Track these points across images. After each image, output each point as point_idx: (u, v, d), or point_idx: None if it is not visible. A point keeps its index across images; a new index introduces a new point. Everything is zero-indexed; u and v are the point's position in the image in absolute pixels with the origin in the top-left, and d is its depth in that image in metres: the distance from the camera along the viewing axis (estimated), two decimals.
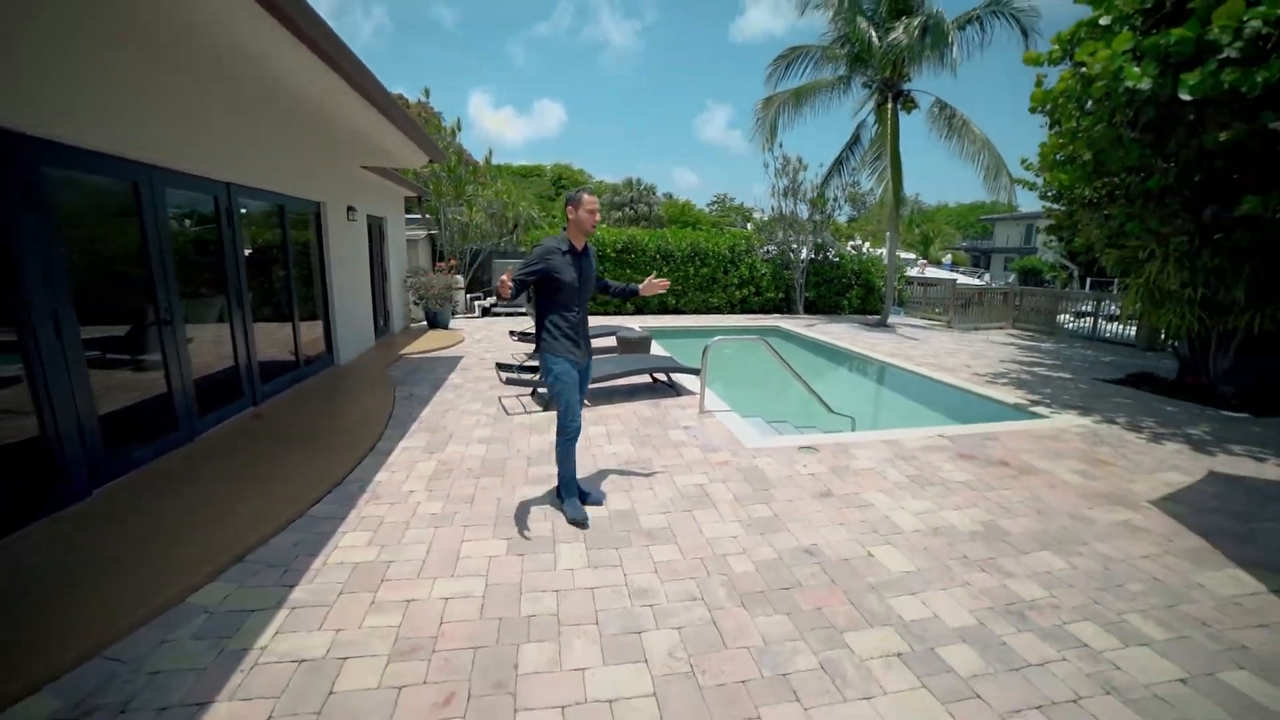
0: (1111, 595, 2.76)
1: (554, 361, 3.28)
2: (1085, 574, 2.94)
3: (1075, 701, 2.10)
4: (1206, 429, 5.50)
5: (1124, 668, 2.27)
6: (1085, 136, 6.64)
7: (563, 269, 3.20)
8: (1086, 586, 2.82)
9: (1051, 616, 2.58)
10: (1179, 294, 6.81)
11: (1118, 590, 2.80)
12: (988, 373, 7.89)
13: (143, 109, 3.99)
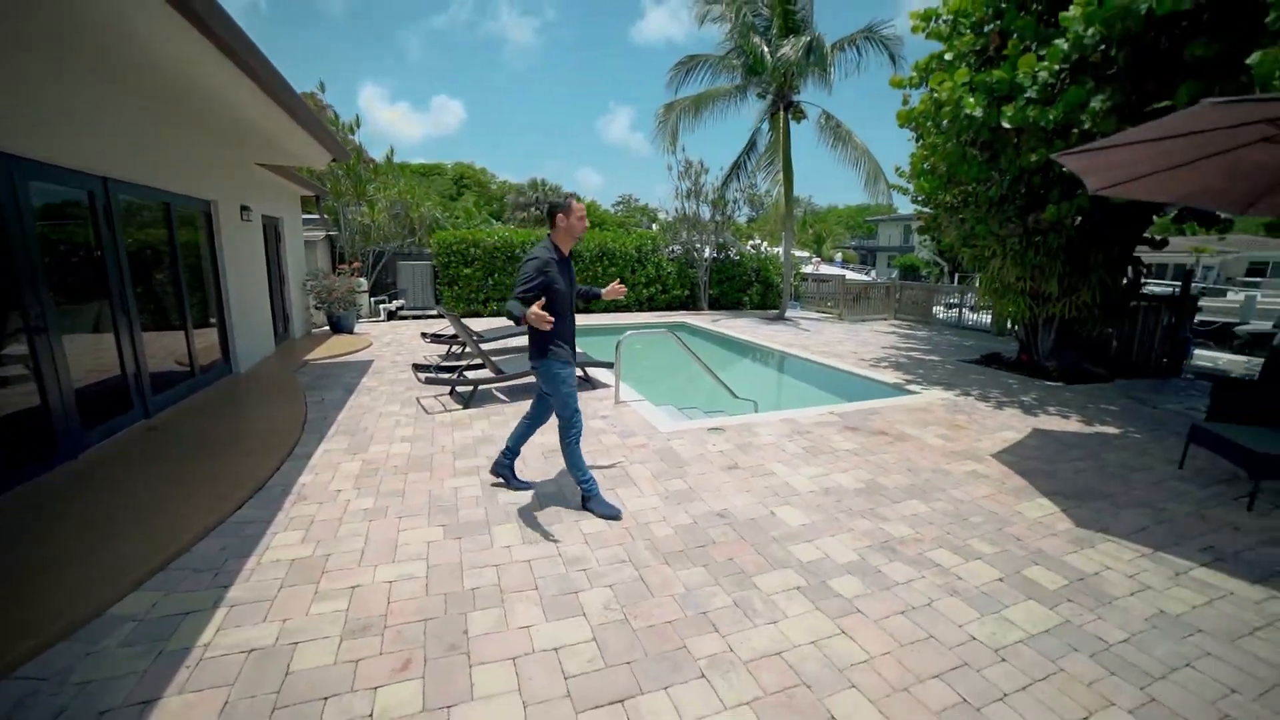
0: (959, 527, 3.40)
1: (562, 368, 3.35)
2: (942, 513, 3.58)
3: (929, 605, 2.65)
4: (1034, 396, 6.62)
5: (963, 576, 2.87)
6: (940, 151, 7.68)
7: (558, 278, 3.24)
8: (942, 523, 3.45)
9: (915, 548, 3.16)
10: (1015, 286, 8.07)
11: (964, 523, 3.45)
12: (871, 358, 8.88)
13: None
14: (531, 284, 3.12)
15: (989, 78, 6.30)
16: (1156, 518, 3.63)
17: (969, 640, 2.44)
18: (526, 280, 3.13)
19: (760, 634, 2.44)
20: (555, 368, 3.35)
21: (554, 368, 3.35)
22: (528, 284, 3.12)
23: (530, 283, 3.12)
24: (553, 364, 3.34)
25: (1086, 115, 5.57)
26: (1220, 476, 4.29)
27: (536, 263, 3.16)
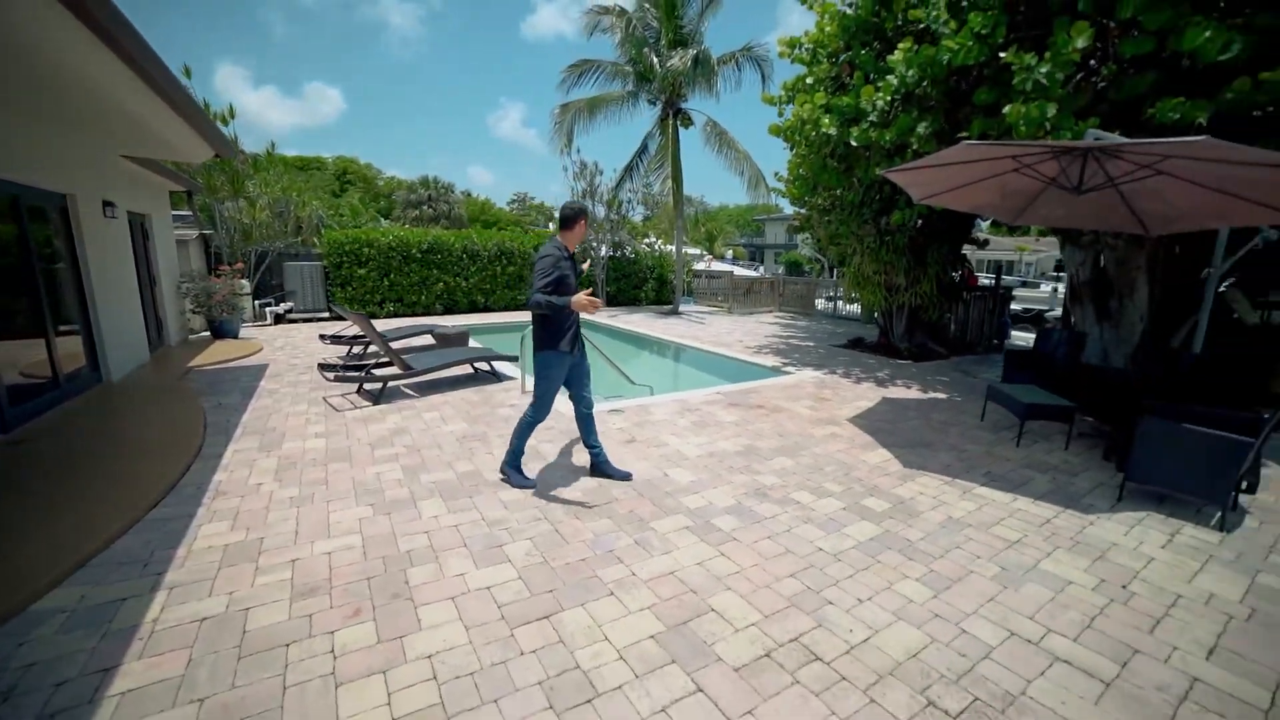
0: (817, 475, 4.22)
1: (554, 360, 3.63)
2: (804, 466, 4.39)
3: (789, 531, 3.38)
4: (887, 373, 7.86)
5: (816, 509, 3.65)
6: (806, 161, 8.77)
7: (569, 273, 3.57)
8: (804, 473, 4.25)
9: (781, 492, 3.91)
10: (873, 279, 9.40)
11: (821, 472, 4.28)
12: (755, 346, 9.92)
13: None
14: (550, 277, 3.45)
15: (840, 102, 7.37)
16: (959, 456, 4.69)
17: (816, 550, 3.18)
18: (545, 274, 3.45)
19: (657, 562, 3.02)
20: (552, 359, 3.64)
21: (550, 359, 3.64)
22: (547, 277, 3.45)
23: (548, 276, 3.45)
24: (550, 355, 3.63)
25: (914, 138, 6.74)
26: (1005, 424, 5.54)
27: (552, 259, 3.50)
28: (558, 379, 3.71)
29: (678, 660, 2.31)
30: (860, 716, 2.06)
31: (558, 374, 3.69)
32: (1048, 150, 4.49)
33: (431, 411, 5.59)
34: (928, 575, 2.96)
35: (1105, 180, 4.76)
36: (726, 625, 2.53)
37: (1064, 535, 3.46)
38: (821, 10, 8.26)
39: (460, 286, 13.61)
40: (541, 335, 3.64)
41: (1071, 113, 5.44)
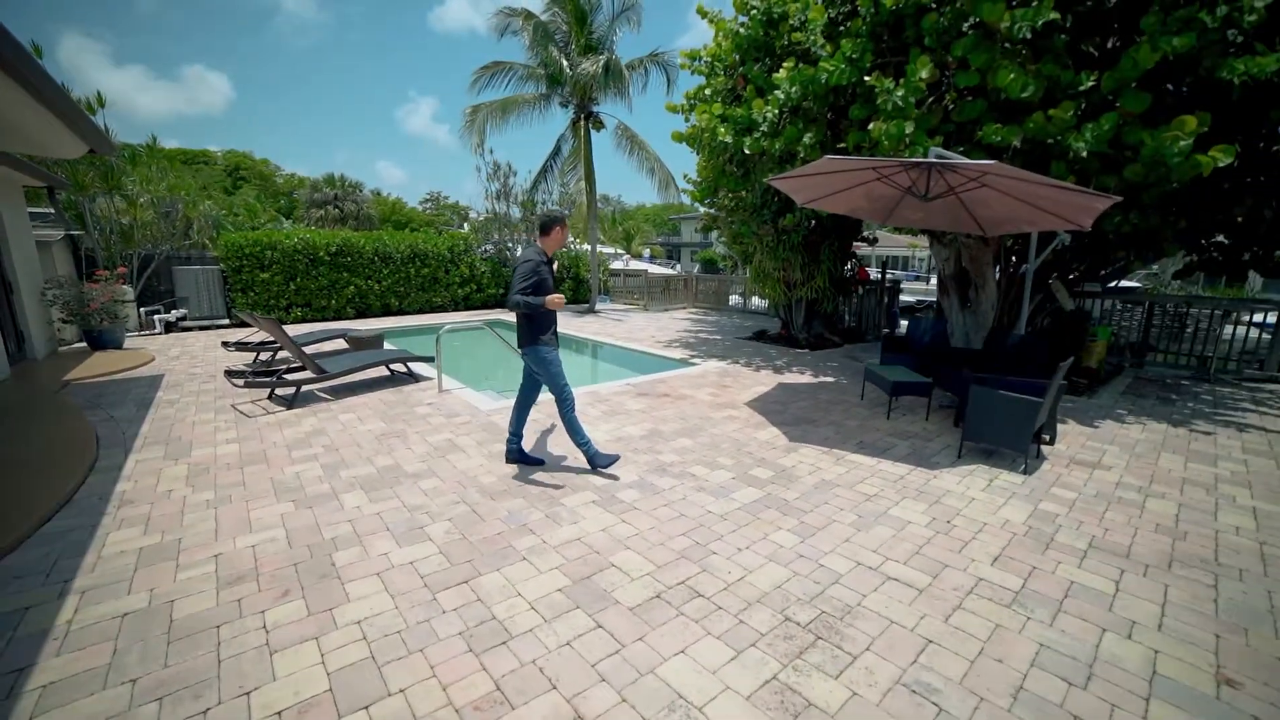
0: (713, 451, 4.74)
1: (548, 352, 4.01)
2: (702, 445, 4.91)
3: (684, 499, 3.86)
4: (785, 361, 8.65)
5: (709, 480, 4.16)
6: (707, 167, 9.39)
7: (548, 276, 3.93)
8: (701, 450, 4.77)
9: (680, 468, 4.40)
10: (773, 275, 10.21)
11: (717, 449, 4.81)
12: (666, 340, 10.49)
13: None
14: (529, 281, 3.82)
15: (735, 113, 8.02)
16: (837, 430, 5.39)
17: (706, 513, 3.67)
18: (525, 278, 3.83)
19: (565, 530, 3.40)
20: (543, 352, 4.01)
21: (541, 352, 4.01)
22: (526, 281, 3.82)
23: (528, 280, 3.82)
24: (540, 349, 4.00)
25: (801, 147, 7.47)
26: (880, 401, 6.36)
27: (532, 264, 3.86)
28: (556, 362, 4.08)
29: (581, 606, 2.71)
30: (729, 634, 2.54)
31: (553, 358, 4.06)
32: (899, 164, 5.26)
33: (348, 413, 5.65)
34: (798, 526, 3.52)
35: (947, 189, 5.62)
36: (625, 576, 2.96)
37: (912, 487, 4.16)
38: (717, 27, 8.91)
39: (373, 290, 13.30)
40: (528, 332, 4.02)
41: (925, 130, 6.30)
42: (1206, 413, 6.46)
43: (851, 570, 3.06)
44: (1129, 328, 9.83)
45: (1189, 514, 3.88)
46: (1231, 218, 7.28)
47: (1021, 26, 5.45)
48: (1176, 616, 2.76)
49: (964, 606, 2.77)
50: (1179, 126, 5.04)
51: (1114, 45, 6.10)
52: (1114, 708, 2.19)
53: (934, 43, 6.18)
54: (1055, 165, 5.88)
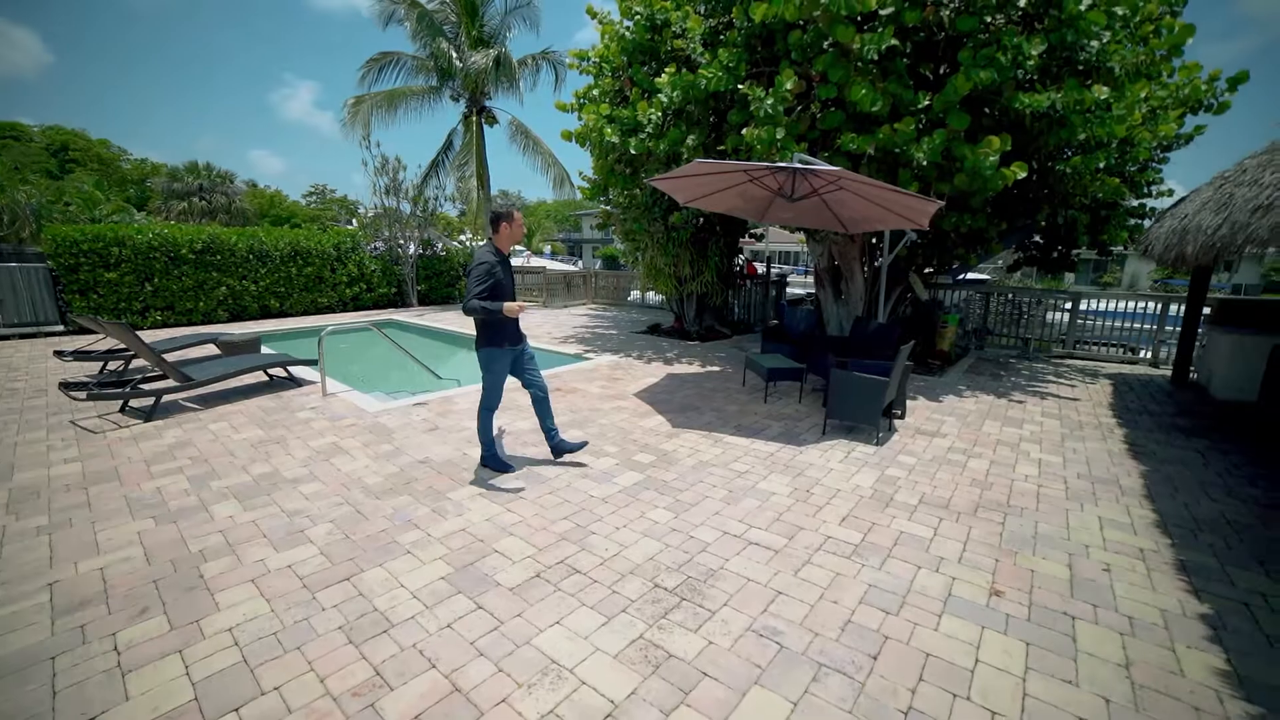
0: (600, 440, 4.98)
1: (496, 356, 3.98)
2: (590, 435, 5.13)
3: (568, 485, 4.05)
4: (676, 353, 9.08)
5: (594, 467, 4.39)
6: (597, 166, 9.60)
7: (503, 278, 3.84)
8: (591, 439, 4.98)
9: (566, 456, 4.58)
10: (664, 270, 10.63)
11: (604, 438, 5.05)
12: (562, 336, 10.63)
13: None
14: (484, 285, 3.73)
15: (621, 114, 8.27)
16: (718, 415, 5.81)
17: (589, 498, 3.89)
18: (480, 282, 3.73)
19: (451, 523, 3.49)
20: (492, 355, 3.99)
21: (494, 355, 3.99)
22: (481, 285, 3.72)
23: (483, 284, 3.73)
24: (494, 351, 3.99)
25: (685, 149, 7.86)
26: (761, 387, 6.90)
27: (485, 266, 3.77)
28: (500, 372, 4.05)
29: (463, 591, 2.83)
30: (603, 603, 2.77)
31: (499, 368, 4.03)
32: (766, 168, 5.74)
33: (220, 422, 5.30)
34: (674, 504, 3.83)
35: (811, 191, 6.21)
36: (506, 560, 3.11)
37: (780, 463, 4.62)
38: (605, 29, 9.12)
39: (249, 290, 12.25)
40: (482, 334, 3.99)
41: (794, 137, 6.88)
42: (1023, 385, 7.61)
43: (718, 539, 3.41)
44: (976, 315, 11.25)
45: (996, 469, 4.63)
46: (1036, 222, 8.60)
47: (870, 48, 6.11)
48: (973, 550, 3.35)
49: (812, 561, 3.19)
50: (988, 145, 5.91)
51: (944, 72, 7.00)
52: (915, 625, 2.66)
53: (800, 57, 6.77)
54: (902, 172, 6.66)
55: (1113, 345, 10.13)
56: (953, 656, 2.47)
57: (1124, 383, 8.02)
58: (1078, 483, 4.39)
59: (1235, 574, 3.19)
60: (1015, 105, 5.97)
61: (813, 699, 2.21)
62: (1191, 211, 5.73)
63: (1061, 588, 3.00)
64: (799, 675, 2.33)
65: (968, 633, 2.63)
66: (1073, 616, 2.77)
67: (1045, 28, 6.04)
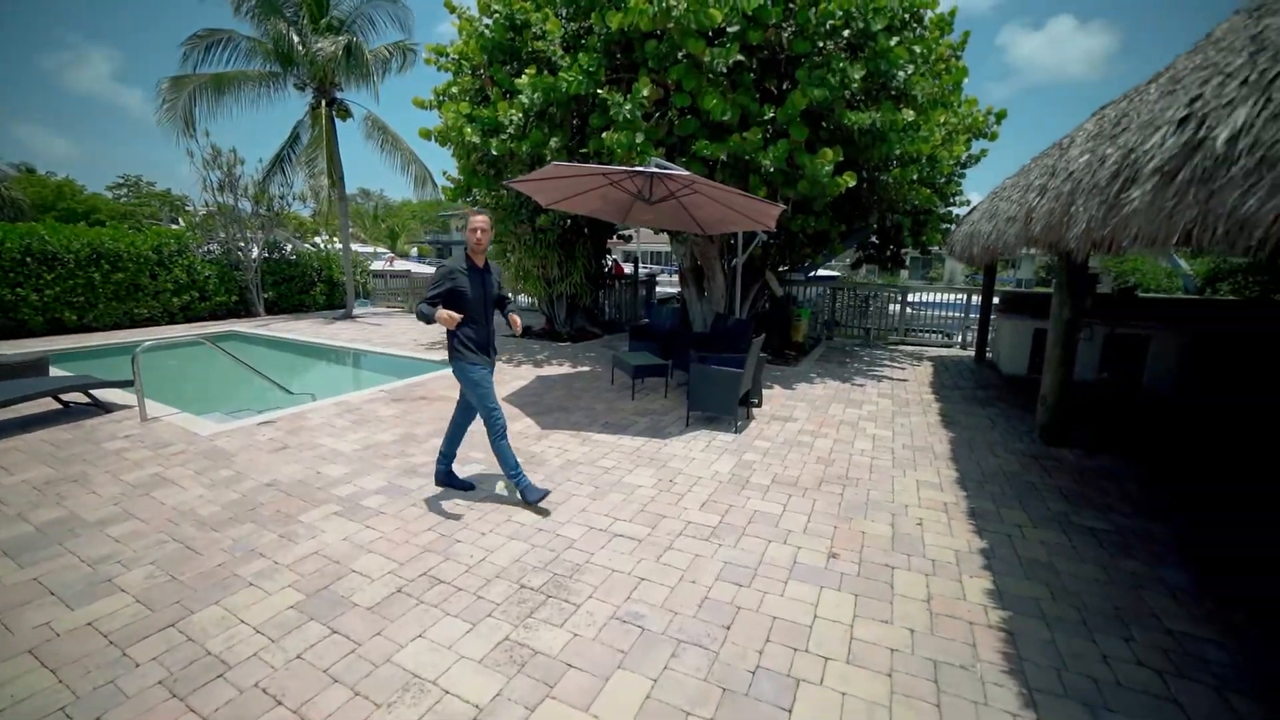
0: (466, 448, 4.84)
1: (471, 369, 3.65)
2: None
3: (438, 498, 3.92)
4: (546, 354, 9.07)
5: (459, 473, 4.27)
6: (459, 166, 9.28)
7: (464, 286, 3.54)
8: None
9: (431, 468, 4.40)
10: (532, 272, 10.55)
11: (469, 444, 4.91)
12: (429, 343, 10.18)
13: None
14: (435, 290, 3.50)
15: (482, 114, 8.07)
16: (587, 414, 5.91)
17: (454, 506, 3.79)
18: (434, 285, 3.53)
19: (302, 547, 3.23)
20: (466, 369, 3.66)
21: (465, 369, 3.67)
22: (432, 289, 3.51)
23: (435, 288, 3.51)
24: (463, 365, 3.67)
25: (549, 151, 7.85)
26: (628, 384, 7.10)
27: (442, 270, 3.57)
28: (484, 380, 3.72)
29: (316, 618, 2.64)
30: (467, 610, 2.74)
31: (480, 376, 3.71)
32: (623, 171, 5.92)
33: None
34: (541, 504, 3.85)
35: (668, 194, 6.50)
36: (365, 579, 2.95)
37: (645, 457, 4.81)
38: (463, 26, 8.84)
39: (28, 301, 10.20)
40: (450, 346, 3.73)
41: (652, 142, 7.16)
42: (864, 370, 8.57)
43: (584, 535, 3.49)
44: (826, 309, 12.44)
45: (838, 446, 5.19)
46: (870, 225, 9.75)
47: (719, 61, 6.53)
48: (816, 520, 3.74)
49: (673, 547, 3.38)
50: (824, 155, 6.59)
51: (785, 87, 7.67)
52: (764, 594, 2.93)
53: (656, 65, 7.05)
54: (752, 178, 7.20)
55: (934, 332, 11.74)
56: (795, 616, 2.76)
57: (942, 364, 9.33)
58: (902, 452, 5.06)
59: (1005, 513, 3.88)
60: (845, 121, 6.71)
61: (671, 673, 2.36)
62: (976, 219, 6.82)
63: (885, 544, 3.46)
64: (659, 654, 2.47)
65: (809, 594, 2.94)
66: (892, 567, 3.21)
67: (865, 56, 6.85)
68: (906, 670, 2.42)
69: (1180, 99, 2.40)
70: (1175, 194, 2.00)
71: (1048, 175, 4.01)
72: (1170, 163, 2.07)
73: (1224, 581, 3.15)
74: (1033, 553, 3.39)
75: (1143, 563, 3.32)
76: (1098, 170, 2.81)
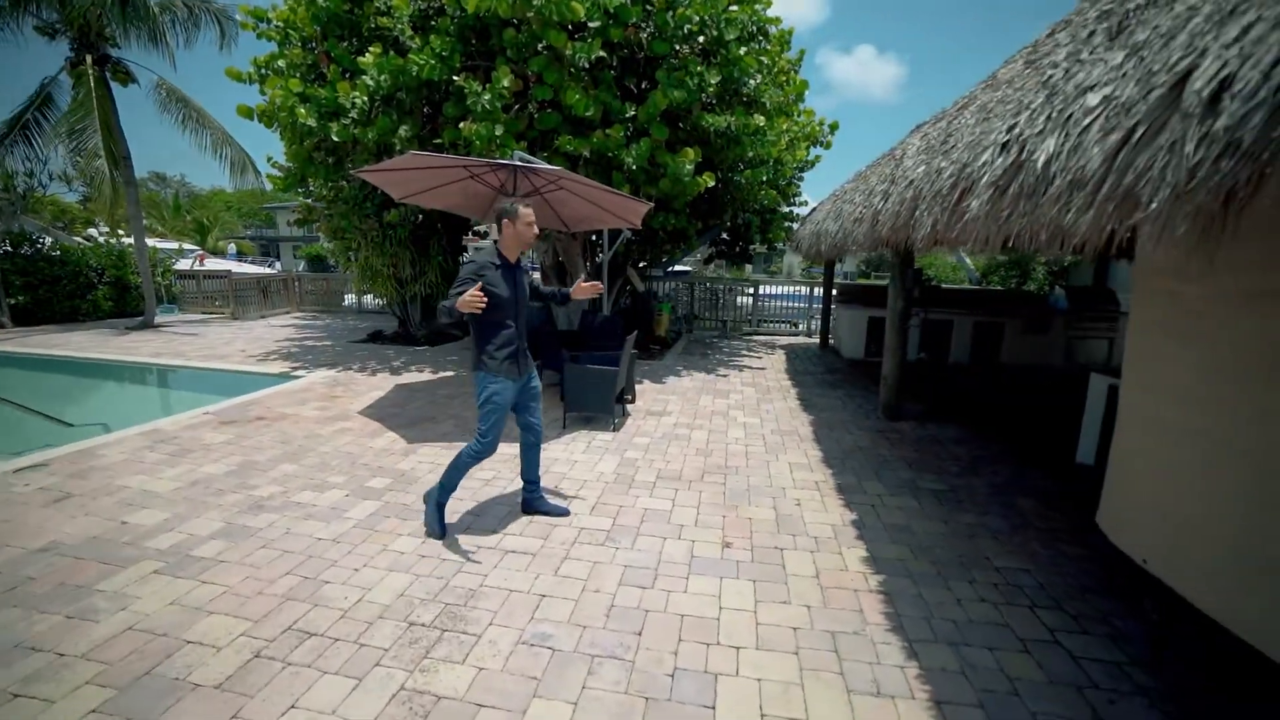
0: (323, 472, 4.26)
1: (491, 381, 3.20)
2: (309, 467, 4.35)
3: (287, 533, 3.36)
4: (404, 360, 8.36)
5: (319, 504, 3.73)
6: (290, 152, 8.14)
7: (497, 283, 3.10)
8: (308, 474, 4.22)
9: (281, 499, 3.81)
10: (382, 272, 9.64)
11: (326, 468, 4.34)
12: (261, 353, 8.85)
13: None
14: (459, 289, 3.01)
15: (319, 94, 7.11)
16: (457, 424, 5.52)
17: (316, 542, 3.29)
18: (458, 284, 3.08)
19: (106, 626, 2.54)
20: (486, 380, 3.22)
21: (484, 380, 3.22)
22: (456, 289, 3.04)
23: (459, 287, 3.03)
24: (484, 376, 3.22)
25: (398, 140, 7.14)
26: None
27: (471, 267, 3.14)
28: (501, 405, 3.24)
29: (134, 717, 2.10)
30: (350, 663, 2.37)
31: (495, 391, 3.21)
32: (486, 164, 5.59)
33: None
34: (419, 528, 3.49)
35: (533, 189, 6.26)
36: (208, 649, 2.42)
37: None
38: None
39: None
40: (473, 352, 3.27)
41: (513, 135, 6.84)
42: (726, 361, 9.05)
43: (472, 554, 3.22)
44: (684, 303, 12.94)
45: (714, 437, 5.39)
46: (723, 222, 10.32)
47: (581, 55, 6.41)
48: (705, 512, 3.84)
49: (570, 556, 3.24)
50: (685, 155, 6.80)
51: (645, 87, 7.77)
52: (669, 593, 2.92)
53: (515, 56, 6.74)
54: (615, 175, 7.19)
55: (783, 322, 12.78)
56: (702, 611, 2.78)
57: (793, 351, 10.18)
58: (772, 438, 5.40)
59: (867, 486, 4.31)
60: (702, 123, 6.97)
61: (590, 692, 2.24)
62: (820, 219, 7.52)
63: (771, 527, 3.65)
64: (575, 674, 2.34)
65: (711, 586, 2.99)
66: (781, 549, 3.39)
67: (718, 63, 7.17)
68: (810, 646, 2.55)
69: (998, 125, 2.81)
70: (1008, 204, 2.32)
71: (888, 182, 4.51)
72: (1002, 178, 2.40)
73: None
74: (894, 519, 3.79)
75: (973, 515, 3.87)
76: (936, 180, 3.22)
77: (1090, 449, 4.86)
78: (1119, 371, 3.05)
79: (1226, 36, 1.53)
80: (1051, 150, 2.09)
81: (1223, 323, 2.32)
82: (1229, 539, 2.29)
